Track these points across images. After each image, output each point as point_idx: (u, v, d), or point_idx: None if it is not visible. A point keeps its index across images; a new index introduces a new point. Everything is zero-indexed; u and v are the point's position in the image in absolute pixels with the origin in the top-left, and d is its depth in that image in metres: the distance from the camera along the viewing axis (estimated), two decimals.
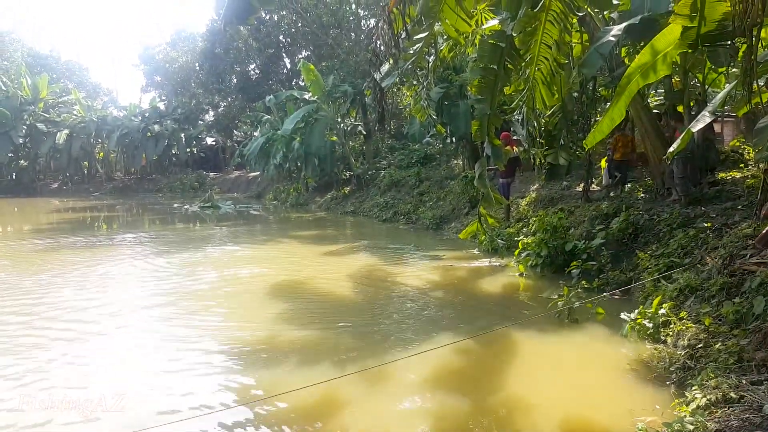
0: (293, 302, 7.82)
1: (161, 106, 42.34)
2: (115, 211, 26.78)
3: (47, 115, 39.85)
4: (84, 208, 28.36)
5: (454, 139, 17.02)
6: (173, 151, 41.38)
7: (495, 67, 6.37)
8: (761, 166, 8.09)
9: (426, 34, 6.73)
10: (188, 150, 41.57)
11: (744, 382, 3.74)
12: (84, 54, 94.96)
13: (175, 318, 7.31)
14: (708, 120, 5.84)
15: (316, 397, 4.58)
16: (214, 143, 44.27)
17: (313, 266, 10.61)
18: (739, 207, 7.35)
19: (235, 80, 38.53)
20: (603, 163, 11.44)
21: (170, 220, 21.71)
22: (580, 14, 7.74)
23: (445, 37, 9.63)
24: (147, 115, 40.68)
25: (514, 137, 13.06)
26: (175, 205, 26.95)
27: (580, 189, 10.99)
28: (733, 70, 8.41)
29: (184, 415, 4.37)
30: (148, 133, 39.39)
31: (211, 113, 43.71)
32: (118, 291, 9.04)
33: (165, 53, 44.59)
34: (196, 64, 40.75)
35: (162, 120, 39.89)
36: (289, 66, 36.80)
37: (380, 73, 11.39)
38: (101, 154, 44.43)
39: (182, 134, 39.91)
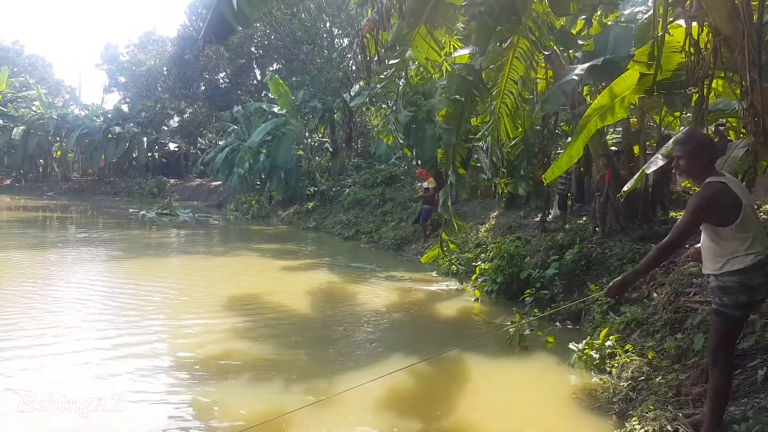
0: (248, 316, 7.73)
1: (125, 107, 41.46)
2: (69, 213, 26.00)
3: (5, 110, 38.41)
4: (36, 207, 27.37)
5: (419, 162, 17.25)
6: (134, 155, 40.51)
7: (462, 98, 6.57)
8: None
9: (398, 60, 6.89)
10: (149, 154, 40.82)
11: (680, 415, 3.92)
12: (49, 49, 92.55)
13: (118, 328, 7.03)
14: (661, 163, 6.15)
15: (262, 417, 4.53)
16: (176, 149, 43.45)
17: (271, 280, 10.52)
18: (687, 246, 7.67)
19: (203, 87, 37.96)
20: None
21: (126, 224, 21.14)
22: (546, 53, 8.07)
23: (415, 63, 9.85)
24: (109, 116, 39.77)
25: (478, 164, 13.39)
26: (131, 210, 26.14)
27: (538, 219, 11.29)
28: (687, 114, 8.85)
29: None
30: (109, 135, 38.39)
31: (176, 119, 42.90)
32: (58, 296, 8.65)
33: (132, 55, 43.77)
34: (164, 69, 39.97)
35: (124, 122, 39.02)
36: (259, 77, 36.54)
37: (350, 93, 11.55)
38: (59, 153, 43.22)
39: (144, 138, 39.10)
